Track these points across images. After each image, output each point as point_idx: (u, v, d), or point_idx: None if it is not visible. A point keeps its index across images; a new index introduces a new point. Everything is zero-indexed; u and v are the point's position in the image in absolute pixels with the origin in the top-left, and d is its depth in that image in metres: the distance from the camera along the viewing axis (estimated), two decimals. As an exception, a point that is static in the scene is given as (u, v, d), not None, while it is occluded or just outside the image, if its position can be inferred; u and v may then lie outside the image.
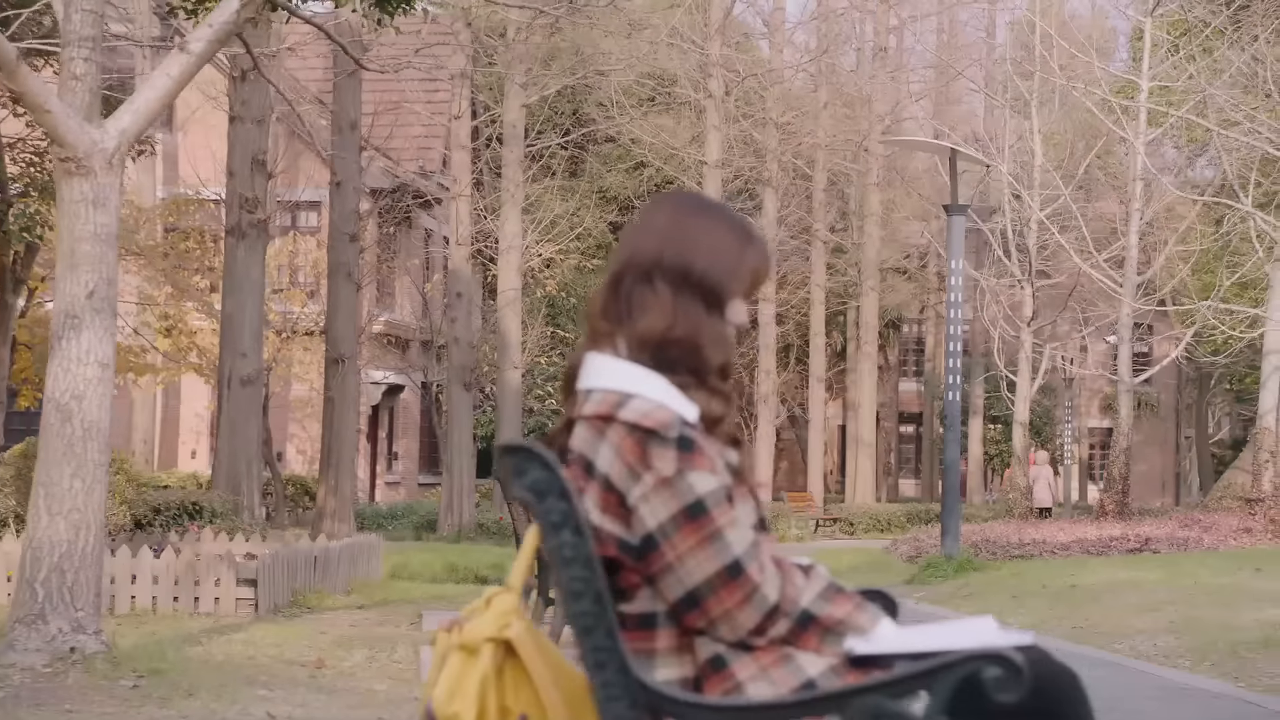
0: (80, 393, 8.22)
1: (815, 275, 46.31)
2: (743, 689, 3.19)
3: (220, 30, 8.53)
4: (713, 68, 41.01)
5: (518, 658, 3.22)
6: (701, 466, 3.22)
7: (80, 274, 8.23)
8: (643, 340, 3.35)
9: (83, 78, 8.26)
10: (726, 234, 3.49)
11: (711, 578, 3.20)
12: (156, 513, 20.87)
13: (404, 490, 43.39)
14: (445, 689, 3.27)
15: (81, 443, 8.25)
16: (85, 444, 8.26)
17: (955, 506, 19.68)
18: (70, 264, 8.26)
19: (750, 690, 3.18)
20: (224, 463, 24.22)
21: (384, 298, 43.19)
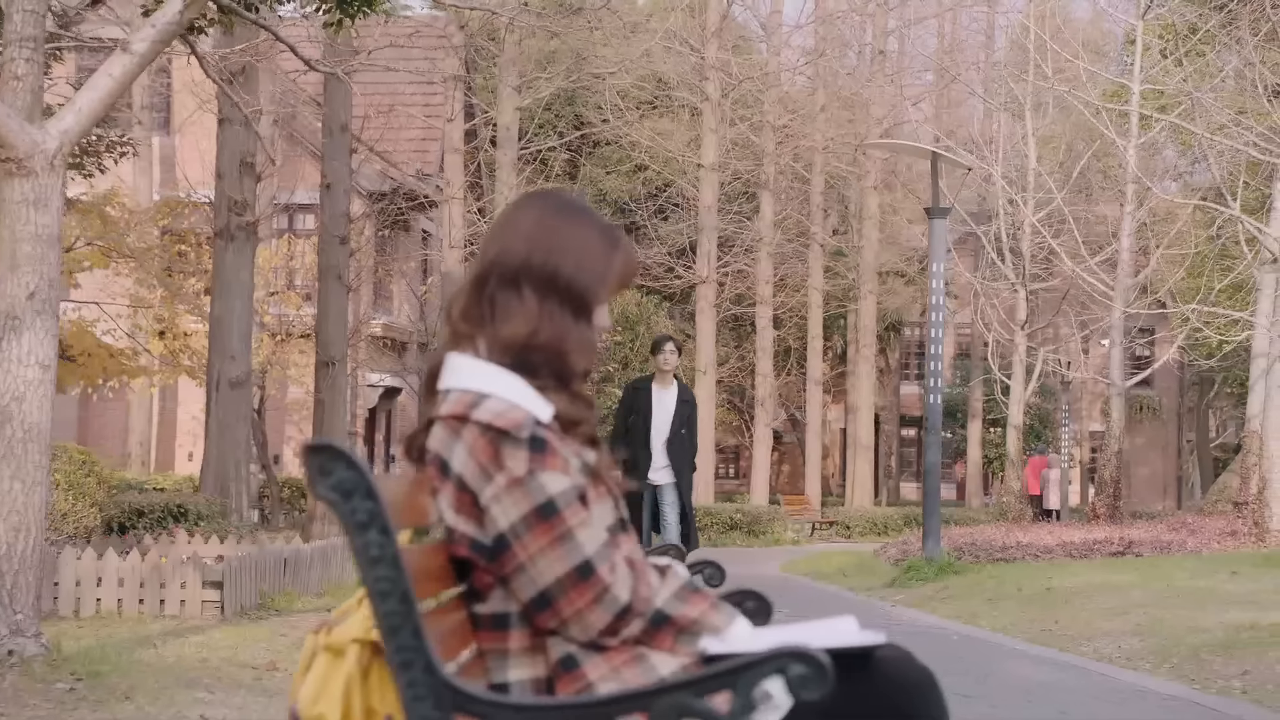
0: (20, 394, 8.20)
1: (813, 278, 46.28)
2: (594, 689, 3.18)
3: (163, 31, 8.51)
4: (709, 71, 40.98)
5: (384, 659, 3.23)
6: (553, 467, 3.21)
7: (21, 275, 8.21)
8: (506, 345, 3.34)
9: (24, 78, 8.23)
10: (594, 238, 3.47)
11: (562, 578, 3.19)
12: (140, 515, 20.88)
13: (403, 492, 43.33)
14: (311, 691, 3.28)
15: (22, 445, 8.23)
16: (25, 446, 8.24)
17: (935, 509, 19.64)
18: (11, 265, 8.25)
19: (601, 690, 3.17)
20: (212, 465, 24.23)
21: (381, 300, 43.17)
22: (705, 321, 42.26)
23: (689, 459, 15.29)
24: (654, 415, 15.09)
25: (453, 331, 3.42)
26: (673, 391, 15.21)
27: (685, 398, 15.31)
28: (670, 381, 15.31)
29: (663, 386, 15.27)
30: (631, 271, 3.58)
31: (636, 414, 15.17)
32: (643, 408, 15.14)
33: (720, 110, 41.43)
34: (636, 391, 15.35)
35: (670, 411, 15.09)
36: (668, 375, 15.30)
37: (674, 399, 15.14)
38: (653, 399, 15.17)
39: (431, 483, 3.29)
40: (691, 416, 15.29)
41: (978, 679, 10.07)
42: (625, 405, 15.44)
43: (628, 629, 3.25)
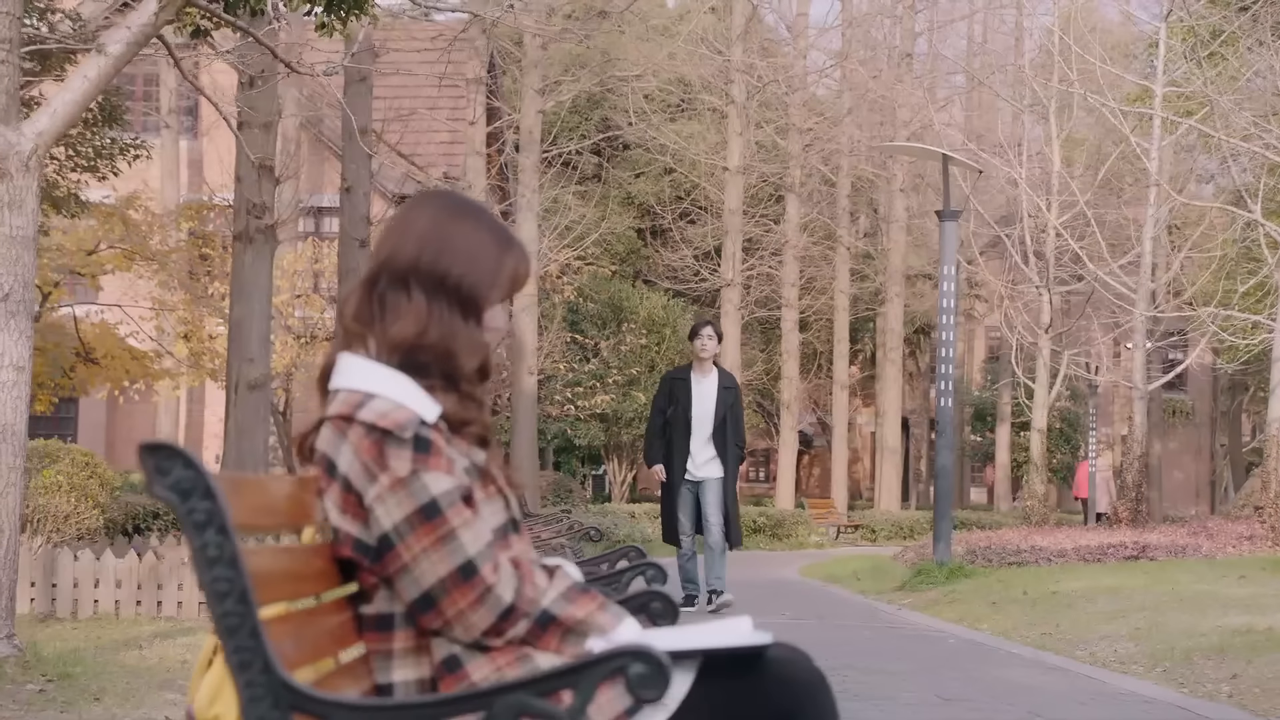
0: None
1: (839, 281, 46.23)
2: (476, 689, 3.12)
3: (138, 32, 8.55)
4: (734, 74, 40.95)
5: None
6: (437, 467, 3.22)
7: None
8: (394, 345, 3.34)
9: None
10: (486, 239, 3.47)
11: (445, 579, 3.19)
12: (155, 517, 20.97)
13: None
14: (207, 693, 3.29)
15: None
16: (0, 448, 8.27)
17: (946, 513, 19.60)
18: (-14, 266, 8.28)
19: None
20: (231, 467, 24.28)
21: (406, 303, 43.20)
22: (730, 325, 42.23)
23: (735, 451, 14.58)
24: (694, 406, 14.41)
25: (344, 330, 3.43)
26: (713, 379, 14.53)
27: (727, 384, 14.64)
28: (710, 369, 14.59)
29: (702, 374, 14.57)
30: (524, 274, 3.58)
31: (675, 405, 14.46)
32: (681, 398, 14.44)
33: (745, 113, 41.38)
34: (674, 382, 14.65)
35: (711, 401, 14.42)
36: (706, 362, 14.57)
37: (715, 386, 14.48)
38: (692, 388, 14.47)
39: (318, 483, 3.29)
40: (735, 404, 14.63)
41: (963, 682, 10.04)
42: (662, 397, 14.72)
43: (513, 629, 3.26)
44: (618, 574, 5.80)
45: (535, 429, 33.00)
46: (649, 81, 41.80)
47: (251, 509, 3.08)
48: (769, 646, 3.43)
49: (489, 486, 3.40)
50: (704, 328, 14.67)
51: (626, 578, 5.83)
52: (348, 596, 3.35)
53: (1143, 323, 30.95)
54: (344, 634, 3.31)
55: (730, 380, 14.78)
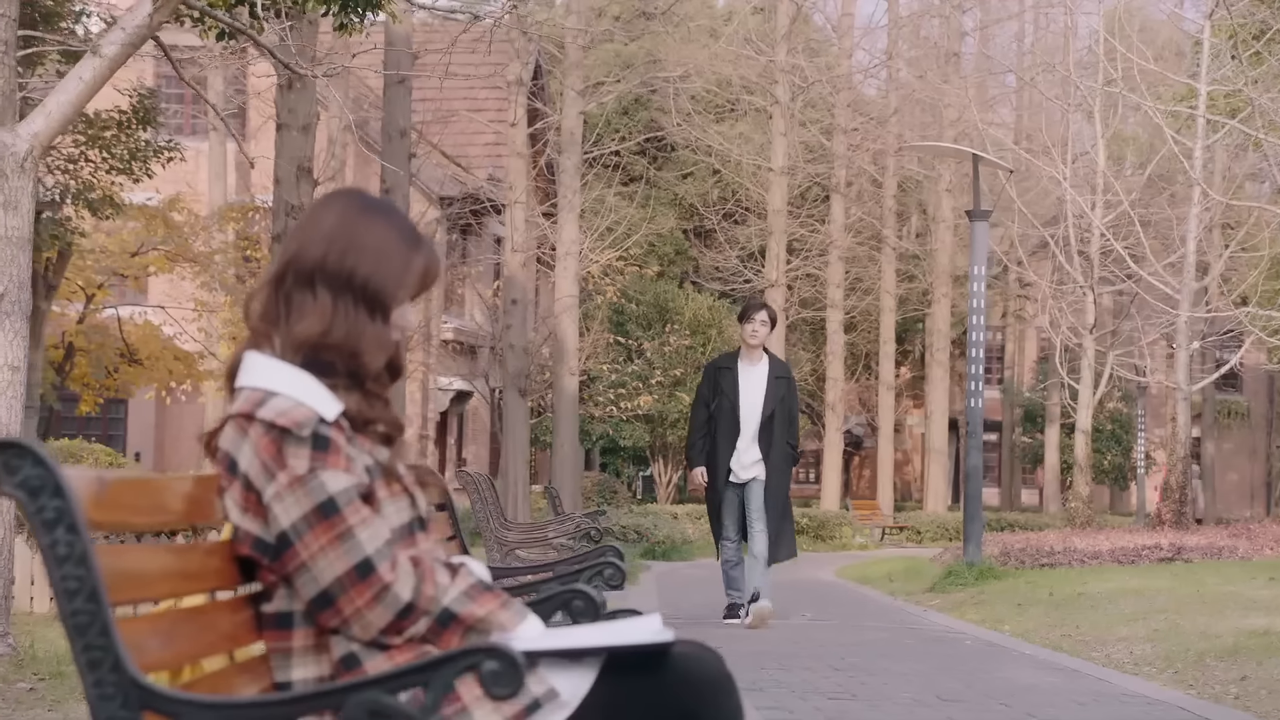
0: (-12, 395, 8.29)
1: (885, 282, 46.12)
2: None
3: (133, 34, 8.60)
4: (779, 74, 40.90)
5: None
6: (335, 465, 3.23)
7: (-8, 275, 8.31)
8: (298, 343, 3.35)
9: (-6, 82, 8.33)
10: (394, 238, 3.48)
11: (342, 577, 3.20)
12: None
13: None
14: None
15: (-11, 445, 8.28)
16: (-7, 447, 8.30)
17: (977, 514, 19.51)
18: (-17, 266, 8.34)
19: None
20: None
21: (452, 305, 43.37)
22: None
23: (786, 450, 13.18)
24: (741, 397, 12.94)
25: (251, 329, 3.44)
26: (763, 367, 13.02)
27: (779, 373, 13.13)
28: (759, 356, 13.08)
29: (750, 362, 13.05)
30: (434, 271, 3.58)
31: (720, 396, 12.99)
32: (727, 389, 12.95)
33: (790, 114, 41.32)
34: (719, 371, 13.12)
35: (761, 391, 12.94)
36: (756, 350, 13.04)
37: (765, 376, 12.98)
38: (738, 378, 12.97)
39: (220, 481, 3.30)
40: (788, 397, 13.14)
41: (967, 682, 10.00)
42: (706, 388, 13.22)
43: (413, 627, 3.27)
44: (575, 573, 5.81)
45: (576, 429, 33.00)
46: (694, 83, 41.77)
47: (136, 508, 3.07)
48: (676, 645, 3.43)
49: (393, 485, 3.41)
50: (757, 311, 13.09)
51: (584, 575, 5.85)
52: (249, 595, 3.37)
53: (1186, 323, 30.74)
54: (240, 632, 3.31)
55: (783, 369, 13.25)
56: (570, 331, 32.66)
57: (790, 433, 13.27)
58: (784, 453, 13.20)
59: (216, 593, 3.37)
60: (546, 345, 36.06)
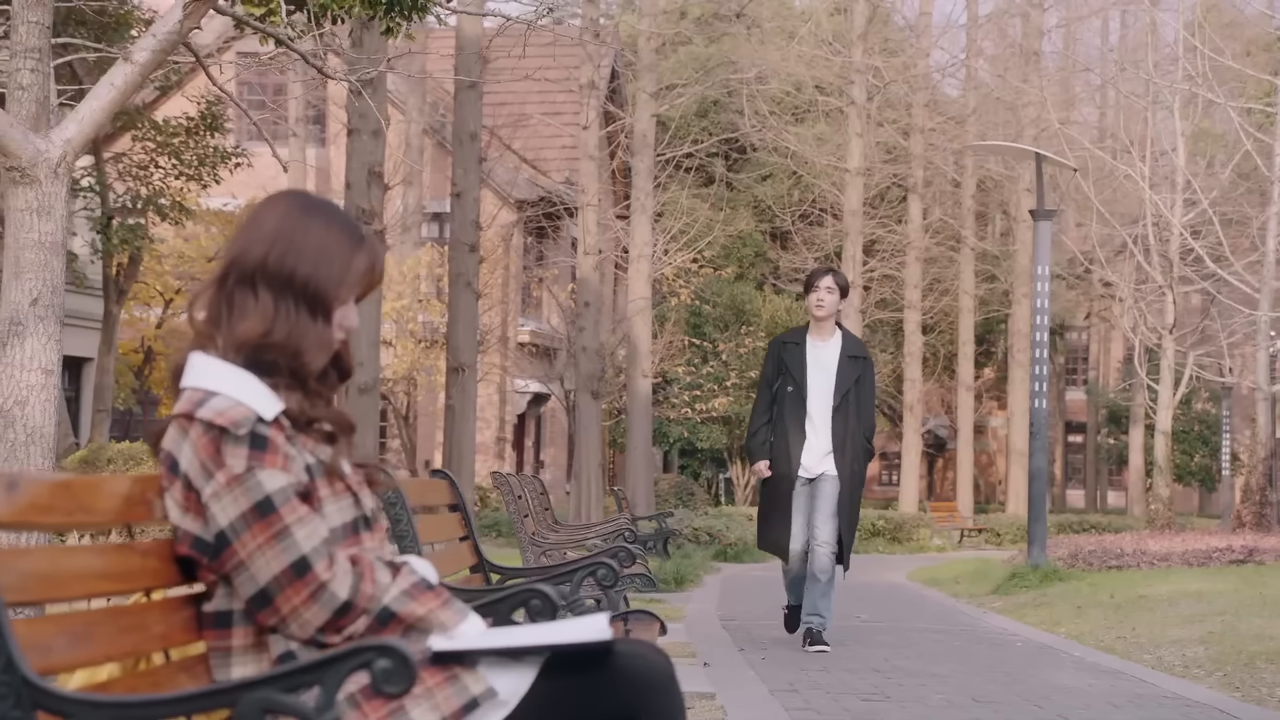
0: (23, 399, 8.41)
1: (963, 283, 45.91)
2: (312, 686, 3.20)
3: (164, 40, 8.70)
4: (855, 74, 40.80)
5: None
6: (273, 465, 3.28)
7: (25, 281, 8.42)
8: (240, 343, 3.40)
9: (29, 88, 8.45)
10: (336, 238, 3.52)
11: (279, 575, 3.24)
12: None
13: (552, 498, 43.52)
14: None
15: (24, 448, 8.44)
16: (28, 449, 8.45)
17: (1041, 516, 19.42)
18: (15, 271, 8.47)
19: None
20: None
21: (529, 308, 43.51)
22: (851, 326, 42.10)
23: (860, 443, 11.32)
24: (809, 378, 11.19)
25: (195, 331, 3.48)
26: (834, 344, 11.31)
27: (854, 352, 11.36)
28: (830, 331, 11.30)
29: (820, 338, 11.30)
30: (378, 270, 3.61)
31: (785, 377, 11.28)
32: (793, 369, 11.24)
33: (866, 114, 41.22)
34: (783, 347, 11.40)
35: (832, 372, 11.20)
36: (826, 324, 11.25)
37: (837, 355, 11.26)
38: (806, 356, 11.26)
39: (161, 481, 3.34)
40: (864, 380, 11.32)
41: (1005, 685, 9.96)
42: (769, 367, 11.51)
43: (351, 626, 3.30)
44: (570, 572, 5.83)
45: (650, 431, 33.04)
46: (769, 85, 41.75)
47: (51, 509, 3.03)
48: (621, 645, 3.45)
49: (336, 484, 3.44)
50: (822, 277, 11.27)
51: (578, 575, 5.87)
52: (191, 594, 3.39)
53: (1266, 323, 30.41)
54: (176, 631, 3.33)
55: (858, 347, 11.48)
56: (643, 334, 32.69)
57: (865, 423, 11.29)
58: (859, 446, 11.25)
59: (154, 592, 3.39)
60: (621, 347, 36.11)
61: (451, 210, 28.78)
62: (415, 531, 5.51)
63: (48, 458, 8.67)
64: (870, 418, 11.40)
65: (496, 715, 3.26)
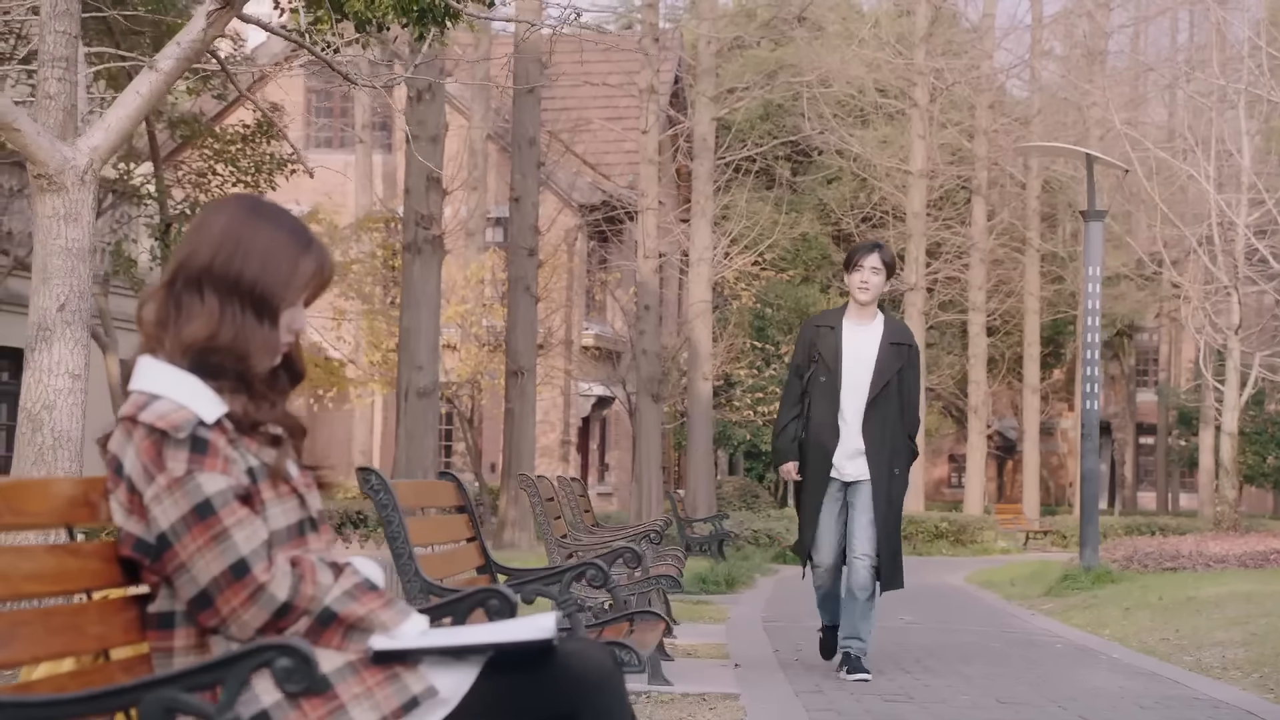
0: (51, 403, 8.54)
1: (1029, 284, 45.69)
2: (251, 686, 3.23)
3: (188, 49, 8.81)
4: (917, 76, 40.72)
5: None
6: (213, 468, 3.31)
7: (52, 287, 8.55)
8: (185, 346, 3.42)
9: (56, 96, 8.59)
10: (283, 241, 3.54)
11: (218, 577, 3.28)
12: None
13: (616, 500, 43.70)
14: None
15: (52, 452, 8.57)
16: (55, 453, 8.57)
17: (1093, 518, 19.38)
18: (43, 277, 8.60)
19: (259, 688, 3.23)
20: (401, 473, 24.73)
21: (593, 311, 43.61)
22: (914, 328, 41.99)
23: (903, 441, 9.99)
24: (844, 367, 9.83)
25: (144, 334, 3.52)
26: (875, 329, 9.97)
27: (897, 338, 10.01)
28: (871, 314, 9.99)
29: (859, 322, 9.97)
30: (326, 273, 3.63)
31: (818, 365, 9.93)
32: (827, 356, 9.88)
33: (929, 116, 41.12)
34: (817, 332, 10.04)
35: (870, 361, 9.86)
36: (868, 306, 9.96)
37: (877, 340, 9.91)
38: (842, 341, 9.90)
39: (106, 483, 3.39)
40: (908, 370, 9.99)
41: (1034, 686, 9.96)
42: (800, 354, 10.13)
43: (292, 626, 3.34)
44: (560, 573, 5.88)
45: (710, 434, 33.10)
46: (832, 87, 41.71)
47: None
48: (566, 643, 3.50)
49: (280, 486, 3.47)
50: (868, 254, 9.93)
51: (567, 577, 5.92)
52: (136, 596, 3.44)
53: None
54: (113, 632, 3.37)
55: (902, 333, 10.14)
56: (704, 336, 32.77)
57: (908, 419, 9.98)
58: (900, 447, 9.93)
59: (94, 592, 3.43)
60: (683, 351, 36.17)
61: (510, 215, 28.97)
62: (406, 533, 5.55)
63: (75, 461, 8.80)
64: (914, 413, 10.03)
65: (437, 714, 3.30)
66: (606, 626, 6.48)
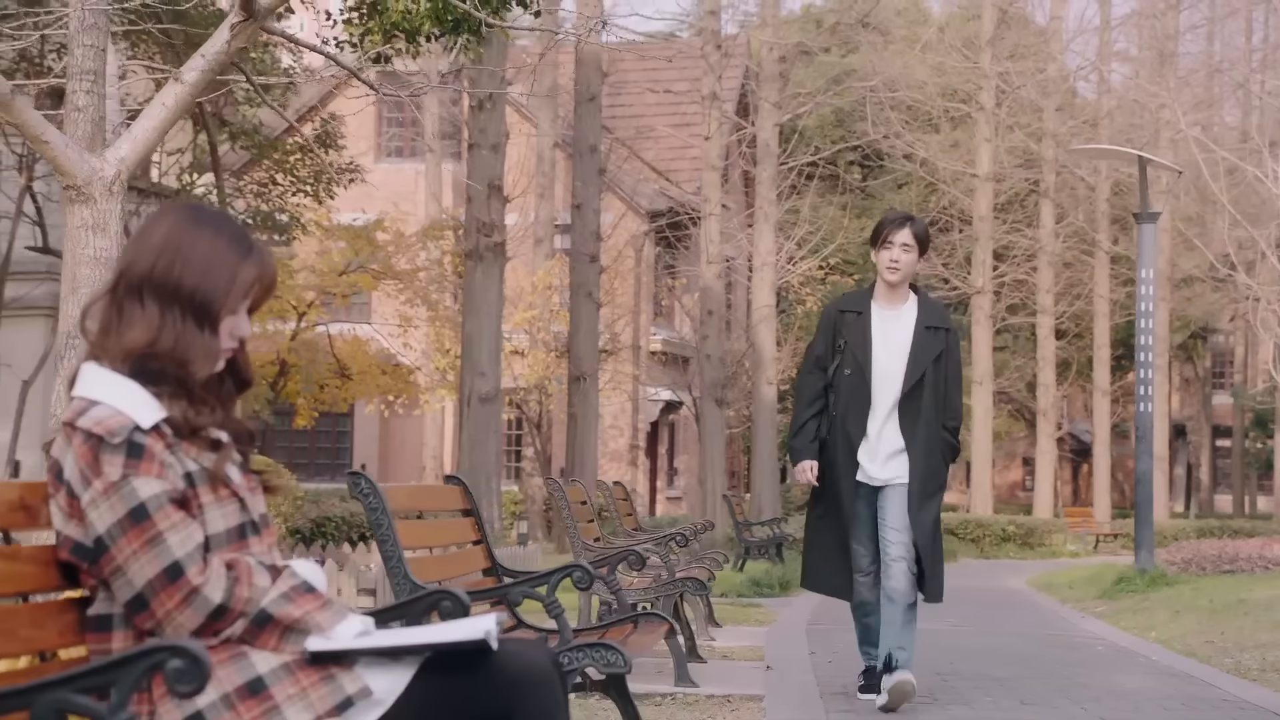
0: (80, 409, 8.66)
1: (1099, 287, 45.43)
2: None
3: (213, 60, 8.96)
4: (983, 80, 40.61)
5: None
6: (148, 472, 3.37)
7: (80, 296, 8.69)
8: (126, 353, 3.48)
9: (85, 109, 8.76)
10: (223, 249, 3.60)
11: (153, 580, 3.35)
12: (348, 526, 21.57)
13: (686, 504, 43.76)
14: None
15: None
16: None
17: (1148, 521, 19.31)
18: (72, 287, 8.76)
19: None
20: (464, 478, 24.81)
21: (660, 316, 43.69)
22: (981, 332, 41.97)
23: (939, 432, 8.81)
24: (874, 356, 8.72)
25: (89, 342, 3.58)
26: (908, 313, 8.85)
27: (933, 321, 8.84)
28: (903, 296, 8.86)
29: (890, 305, 8.84)
30: (267, 280, 3.68)
31: (843, 355, 8.79)
32: (854, 344, 8.75)
33: (995, 119, 41.00)
34: (842, 319, 8.89)
35: (904, 348, 8.74)
36: (899, 288, 8.80)
37: (911, 326, 8.79)
38: (870, 328, 8.78)
39: (48, 488, 3.46)
40: (946, 355, 8.81)
41: (1060, 688, 9.97)
42: (821, 344, 8.97)
43: (229, 629, 3.40)
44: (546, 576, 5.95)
45: (775, 438, 33.09)
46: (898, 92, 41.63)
47: None
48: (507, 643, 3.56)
49: (220, 490, 3.54)
50: (897, 229, 8.73)
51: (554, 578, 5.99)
52: (75, 598, 3.51)
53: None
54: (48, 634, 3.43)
55: (938, 315, 8.95)
56: (768, 341, 32.81)
57: (948, 411, 8.81)
58: (936, 442, 8.79)
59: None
60: (747, 355, 36.20)
61: (572, 222, 29.11)
62: (396, 536, 5.63)
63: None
64: (955, 404, 8.85)
65: (372, 714, 3.36)
66: (610, 628, 6.54)
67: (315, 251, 31.59)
